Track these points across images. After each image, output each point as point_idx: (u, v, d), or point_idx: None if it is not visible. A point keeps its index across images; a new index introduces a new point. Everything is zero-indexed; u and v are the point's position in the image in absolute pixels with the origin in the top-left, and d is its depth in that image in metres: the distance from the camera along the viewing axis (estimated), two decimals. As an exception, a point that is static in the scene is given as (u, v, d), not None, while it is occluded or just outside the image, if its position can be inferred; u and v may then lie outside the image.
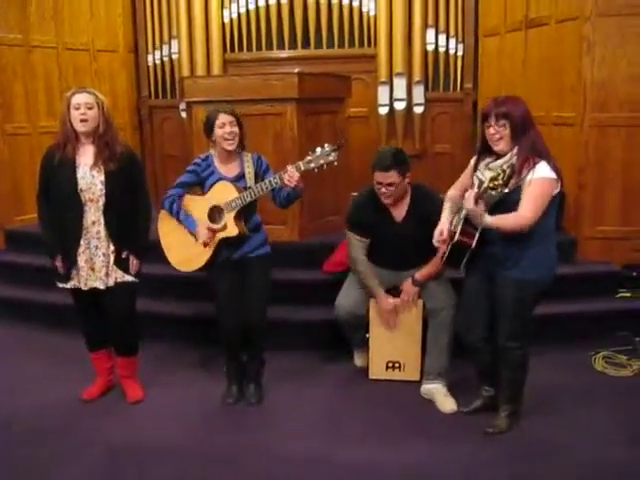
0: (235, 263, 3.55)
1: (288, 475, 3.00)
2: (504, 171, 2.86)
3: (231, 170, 3.53)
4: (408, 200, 3.70)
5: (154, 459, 3.13)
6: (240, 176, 3.51)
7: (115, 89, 6.56)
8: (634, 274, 4.63)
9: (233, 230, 3.44)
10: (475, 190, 2.95)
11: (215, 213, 3.48)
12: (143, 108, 7.06)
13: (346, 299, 3.82)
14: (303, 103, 4.65)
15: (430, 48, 6.42)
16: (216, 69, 6.75)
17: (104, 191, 3.36)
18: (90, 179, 3.35)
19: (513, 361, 3.22)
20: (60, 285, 3.54)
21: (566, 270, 4.56)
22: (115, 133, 3.43)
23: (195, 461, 3.11)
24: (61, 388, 3.81)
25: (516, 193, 2.96)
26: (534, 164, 2.94)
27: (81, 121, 3.31)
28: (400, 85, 6.43)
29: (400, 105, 6.45)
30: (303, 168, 3.34)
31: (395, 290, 3.80)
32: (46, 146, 3.56)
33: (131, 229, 3.46)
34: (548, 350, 4.09)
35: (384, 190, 3.59)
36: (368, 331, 3.87)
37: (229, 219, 3.44)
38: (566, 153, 4.79)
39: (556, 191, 3.00)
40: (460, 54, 6.42)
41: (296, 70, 4.71)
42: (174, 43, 6.85)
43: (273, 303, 3.75)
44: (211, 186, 3.50)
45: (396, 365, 3.87)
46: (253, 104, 4.47)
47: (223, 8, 6.69)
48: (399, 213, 3.71)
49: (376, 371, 3.90)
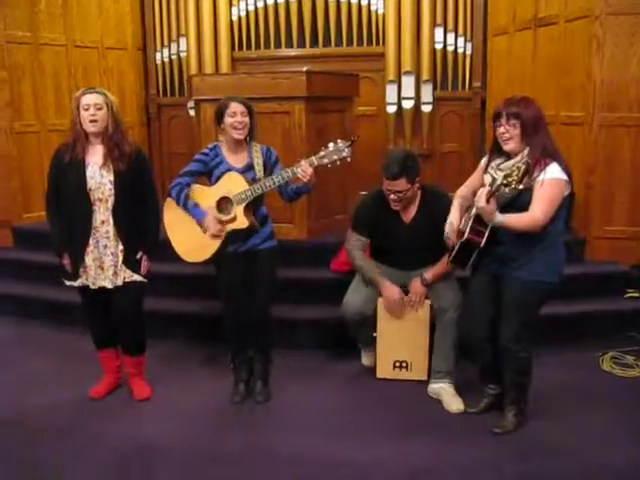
0: (242, 256, 3.54)
1: (295, 474, 3.00)
2: (518, 168, 2.83)
3: (240, 160, 3.51)
4: (417, 201, 3.70)
5: (162, 457, 3.13)
6: (249, 167, 3.49)
7: (123, 87, 6.57)
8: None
9: (243, 222, 3.43)
10: (487, 188, 2.93)
11: (223, 204, 3.47)
12: (151, 106, 7.08)
13: (354, 298, 3.82)
14: (311, 101, 4.65)
15: (439, 47, 6.41)
16: (224, 67, 6.76)
17: (113, 191, 3.37)
18: (99, 179, 3.36)
19: (516, 364, 3.21)
20: (68, 283, 3.55)
21: (574, 270, 4.55)
22: (124, 133, 3.44)
23: (203, 460, 3.11)
24: (69, 386, 3.81)
25: (527, 194, 2.95)
26: (545, 165, 2.93)
27: (90, 122, 3.32)
28: (408, 84, 6.42)
29: (408, 104, 6.44)
30: (316, 163, 3.34)
31: (404, 290, 3.80)
32: (55, 144, 3.57)
33: (140, 229, 3.46)
34: (555, 350, 4.08)
35: (393, 197, 3.59)
36: (375, 330, 3.86)
37: (239, 211, 3.42)
38: (575, 153, 4.77)
39: (567, 192, 2.99)
40: (469, 53, 6.40)
41: (304, 68, 4.70)
42: (182, 41, 6.87)
43: (281, 302, 3.75)
44: (219, 176, 3.48)
45: (403, 364, 3.87)
46: (261, 102, 4.45)
47: (231, 6, 6.70)
48: (408, 214, 3.71)
49: (383, 370, 3.90)
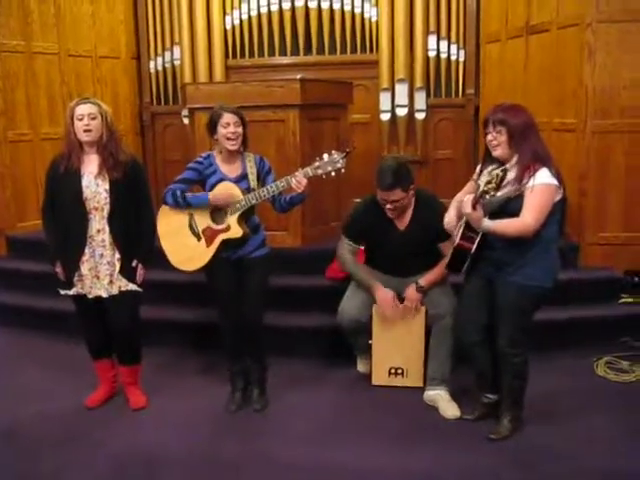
0: (234, 263, 3.56)
1: (292, 482, 3.00)
2: (497, 175, 2.88)
3: (233, 170, 3.52)
4: (411, 208, 3.71)
5: (158, 466, 3.12)
6: (242, 177, 3.50)
7: (117, 95, 6.57)
8: (636, 279, 4.63)
9: (237, 232, 3.44)
10: (472, 195, 2.96)
11: (217, 214, 3.48)
12: (145, 114, 7.08)
13: (349, 305, 3.82)
14: (305, 109, 4.66)
15: (432, 54, 6.43)
16: (218, 75, 6.76)
17: (108, 199, 3.37)
18: (95, 187, 3.37)
19: (513, 368, 3.21)
20: (63, 292, 3.54)
21: (568, 276, 4.56)
22: (119, 142, 3.44)
23: (199, 468, 3.11)
24: (64, 396, 3.80)
25: (518, 200, 2.96)
26: (535, 171, 2.95)
27: (84, 131, 3.33)
28: (402, 91, 6.44)
29: (402, 111, 6.46)
30: (311, 174, 3.35)
31: (399, 297, 3.80)
32: (48, 153, 3.59)
33: (136, 237, 3.47)
34: (550, 356, 4.09)
35: (389, 206, 3.61)
36: (371, 337, 3.87)
37: (232, 220, 3.44)
38: (568, 159, 4.79)
39: (558, 198, 3.01)
40: (462, 60, 6.43)
41: (298, 76, 4.72)
42: (176, 49, 6.87)
43: (276, 309, 3.75)
44: (213, 185, 3.49)
45: (399, 371, 3.87)
46: (255, 110, 4.47)
47: (225, 14, 6.71)
48: (402, 221, 3.72)
49: (379, 377, 3.90)
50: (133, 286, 3.50)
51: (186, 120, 6.47)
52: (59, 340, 4.56)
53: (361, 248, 3.94)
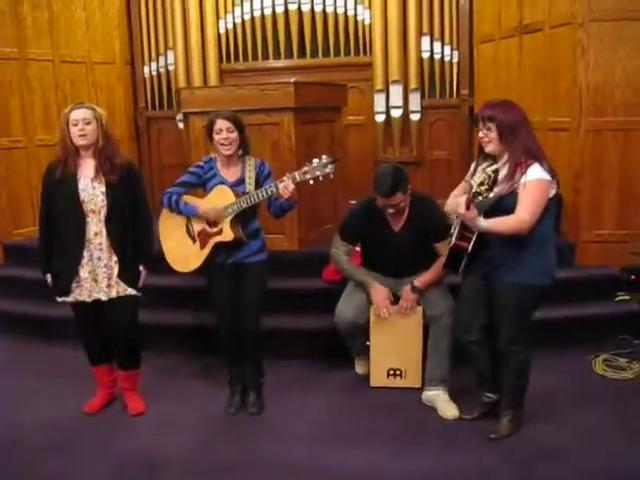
0: (231, 268, 3.56)
1: (291, 485, 3.00)
2: (489, 176, 2.88)
3: (232, 174, 3.54)
4: (407, 210, 3.72)
5: (158, 470, 3.12)
6: (240, 180, 3.51)
7: (112, 101, 6.56)
8: (632, 277, 4.63)
9: (228, 235, 3.46)
10: (466, 195, 2.96)
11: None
12: (140, 119, 7.09)
13: (346, 307, 3.82)
14: (300, 112, 4.67)
15: (425, 55, 6.46)
16: (212, 80, 6.78)
17: (105, 202, 3.37)
18: (91, 190, 3.37)
19: (515, 366, 3.22)
20: (60, 300, 3.53)
21: (565, 274, 4.55)
22: (115, 146, 3.45)
23: (199, 473, 3.10)
24: (62, 402, 3.79)
25: (512, 197, 2.96)
26: (527, 167, 2.95)
27: (80, 136, 3.34)
28: (396, 93, 6.46)
29: (397, 112, 6.48)
30: (299, 179, 3.35)
31: (395, 297, 3.80)
32: (43, 159, 3.59)
33: (134, 240, 3.46)
34: (548, 354, 4.08)
35: (391, 210, 3.62)
36: (369, 339, 3.87)
37: (225, 224, 3.45)
38: (562, 158, 4.80)
39: (552, 192, 3.00)
40: (455, 61, 6.45)
41: (292, 79, 4.72)
42: (170, 54, 6.89)
43: (273, 312, 3.75)
44: (212, 189, 3.52)
45: (397, 372, 3.87)
46: (250, 114, 4.46)
47: (218, 19, 6.73)
48: (398, 222, 3.73)
49: (377, 379, 3.90)
50: (132, 291, 3.49)
51: (181, 125, 6.48)
52: (57, 347, 4.54)
53: (356, 249, 3.94)
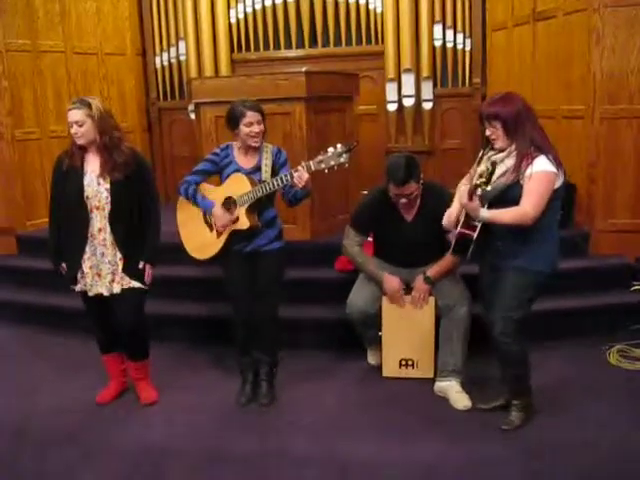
0: (247, 256, 3.56)
1: (303, 474, 2.99)
2: (487, 169, 2.88)
3: (249, 162, 3.53)
4: (419, 199, 3.69)
5: (171, 461, 3.13)
6: (257, 168, 3.51)
7: (124, 92, 6.59)
8: (648, 266, 4.60)
9: (244, 223, 3.46)
10: (468, 186, 2.95)
11: (229, 204, 3.50)
12: (152, 110, 7.09)
13: (358, 297, 3.81)
14: (311, 102, 4.65)
15: (438, 44, 6.41)
16: (224, 69, 6.76)
17: (110, 199, 3.37)
18: (96, 187, 3.36)
19: (508, 356, 3.18)
20: (72, 287, 3.55)
21: (579, 264, 4.55)
22: (117, 142, 3.37)
23: (213, 462, 3.11)
24: (75, 392, 3.82)
25: (516, 188, 2.96)
26: (532, 159, 2.94)
27: (75, 138, 3.33)
28: (408, 81, 6.42)
29: (409, 101, 6.44)
30: (314, 168, 3.33)
31: (407, 288, 3.79)
32: (56, 151, 3.59)
33: (139, 236, 3.45)
34: (562, 345, 4.08)
35: (404, 200, 3.60)
36: (381, 329, 3.86)
37: (241, 212, 3.46)
38: (577, 146, 4.76)
39: (558, 184, 2.99)
40: (468, 49, 6.39)
41: (303, 69, 4.70)
42: (181, 45, 6.87)
43: (286, 302, 3.75)
44: (228, 176, 3.52)
45: (409, 363, 3.86)
46: (261, 104, 4.44)
47: (229, 8, 6.70)
48: (410, 212, 3.72)
49: (389, 369, 3.89)
50: (136, 284, 3.48)
51: (192, 115, 6.47)
52: (70, 337, 4.58)
53: (368, 240, 3.93)
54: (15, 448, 3.28)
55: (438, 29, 6.38)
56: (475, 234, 2.99)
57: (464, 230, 3.02)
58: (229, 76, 6.45)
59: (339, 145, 3.33)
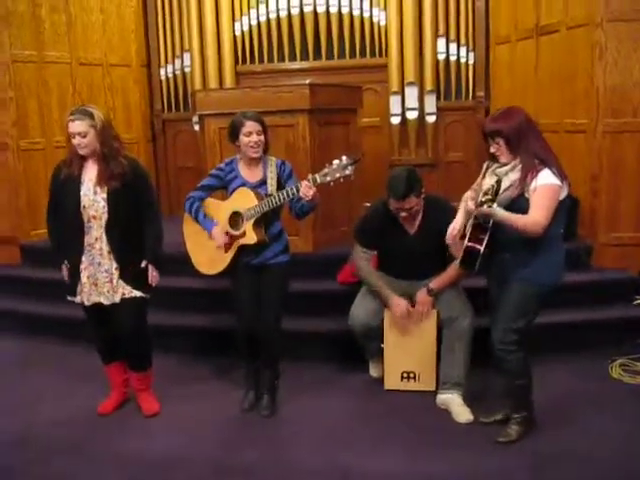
0: (254, 269, 3.57)
1: (304, 487, 3.00)
2: (492, 186, 2.89)
3: (254, 175, 3.54)
4: (421, 212, 3.70)
5: (174, 472, 3.12)
6: (263, 182, 3.52)
7: (129, 103, 6.62)
8: (650, 280, 4.59)
9: (252, 238, 3.47)
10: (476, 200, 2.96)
11: (236, 219, 3.51)
12: (156, 121, 7.12)
13: (360, 310, 3.82)
14: (315, 114, 4.67)
15: (441, 57, 6.44)
16: (228, 81, 6.80)
17: (107, 208, 3.37)
18: (93, 196, 3.36)
19: (509, 367, 3.16)
20: (69, 298, 3.56)
21: (582, 277, 4.55)
22: (114, 153, 3.37)
23: (216, 474, 3.10)
24: (77, 402, 3.82)
25: (522, 202, 2.97)
26: (537, 172, 2.96)
27: (79, 148, 3.34)
28: (412, 94, 6.44)
29: (412, 114, 6.46)
30: (319, 181, 3.34)
31: (410, 300, 3.79)
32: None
33: (137, 245, 3.45)
34: (564, 358, 4.06)
35: (404, 214, 3.61)
36: (383, 341, 3.86)
37: (248, 226, 3.46)
38: (580, 160, 4.77)
39: (563, 195, 3.00)
40: (471, 62, 6.43)
41: (307, 81, 4.72)
42: (186, 56, 6.92)
43: (287, 314, 3.75)
44: (234, 190, 3.53)
45: (411, 375, 3.85)
46: (265, 116, 4.43)
47: (234, 21, 6.74)
48: (412, 225, 3.72)
49: (391, 382, 3.88)
50: (138, 292, 3.48)
51: (197, 126, 6.49)
52: (72, 347, 4.57)
53: (374, 254, 3.93)
54: (17, 458, 3.26)
55: (442, 42, 6.42)
56: (482, 247, 2.99)
57: (471, 244, 3.02)
58: (233, 88, 6.46)
59: (344, 157, 3.33)
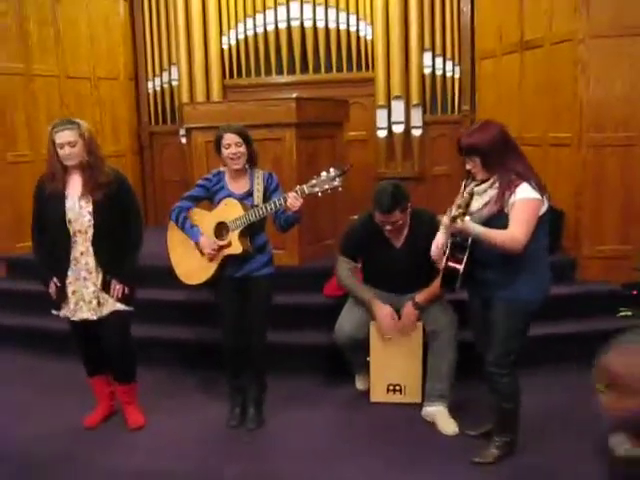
0: (238, 281, 3.57)
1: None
2: (464, 201, 2.83)
3: (241, 187, 3.55)
4: (407, 227, 3.73)
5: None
6: (249, 193, 3.53)
7: (116, 116, 6.63)
8: (634, 292, 4.61)
9: (237, 248, 3.47)
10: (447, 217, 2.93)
11: (221, 229, 3.51)
12: (143, 134, 7.13)
13: (346, 323, 3.82)
14: (302, 128, 4.69)
15: (427, 71, 6.50)
16: (216, 95, 6.83)
17: (92, 222, 3.36)
18: (78, 210, 3.36)
19: (500, 389, 3.12)
20: (54, 312, 3.55)
21: (566, 290, 4.57)
22: (99, 163, 3.39)
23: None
24: (62, 416, 3.79)
25: (502, 218, 2.91)
26: (515, 187, 2.90)
27: (67, 159, 3.33)
28: (398, 108, 6.50)
29: (398, 128, 6.51)
30: (307, 192, 3.35)
31: (396, 313, 3.80)
32: (47, 175, 3.57)
33: (121, 258, 3.45)
34: (548, 371, 4.08)
35: (389, 227, 3.63)
36: (369, 354, 3.86)
37: (234, 237, 3.47)
38: (563, 174, 4.81)
39: (543, 209, 2.95)
40: (457, 76, 6.49)
41: (294, 95, 4.75)
42: (174, 70, 6.95)
43: (274, 327, 3.75)
44: (220, 201, 3.54)
45: (397, 388, 3.86)
46: (252, 129, 4.45)
47: (222, 35, 6.79)
48: (398, 239, 3.74)
49: (377, 394, 3.89)
50: (122, 306, 3.48)
51: (184, 139, 6.52)
52: (58, 360, 4.53)
53: (358, 266, 3.95)
54: (1, 473, 3.24)
55: (428, 57, 6.48)
56: (462, 267, 2.95)
57: (451, 264, 2.98)
58: (220, 101, 6.50)
59: (332, 169, 3.35)
